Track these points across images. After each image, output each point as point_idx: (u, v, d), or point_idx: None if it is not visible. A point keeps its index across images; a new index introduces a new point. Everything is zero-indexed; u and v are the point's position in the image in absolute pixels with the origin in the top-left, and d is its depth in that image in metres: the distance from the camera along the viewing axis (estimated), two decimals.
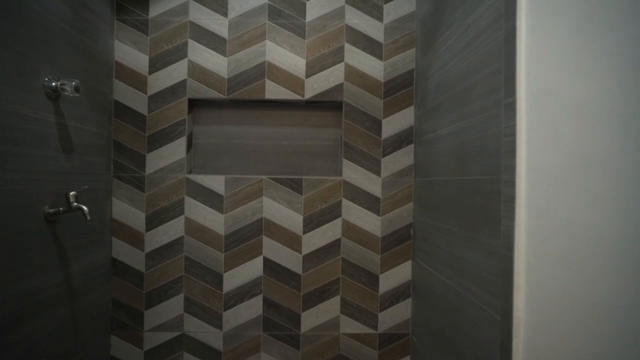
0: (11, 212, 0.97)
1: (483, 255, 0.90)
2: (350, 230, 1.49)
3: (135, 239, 1.47)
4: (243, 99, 1.49)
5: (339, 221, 1.49)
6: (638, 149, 0.54)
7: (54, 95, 1.11)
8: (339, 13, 1.48)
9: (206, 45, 1.47)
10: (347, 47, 1.48)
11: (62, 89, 1.09)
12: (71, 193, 1.10)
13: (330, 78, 1.48)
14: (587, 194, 0.62)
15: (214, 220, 1.48)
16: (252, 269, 1.48)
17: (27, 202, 1.02)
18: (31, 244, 1.04)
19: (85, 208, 1.09)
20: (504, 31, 0.80)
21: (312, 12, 1.48)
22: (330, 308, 1.49)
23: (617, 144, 0.57)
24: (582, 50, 0.63)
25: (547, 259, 0.70)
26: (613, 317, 0.61)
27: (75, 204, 1.10)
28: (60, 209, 1.10)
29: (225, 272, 1.48)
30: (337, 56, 1.48)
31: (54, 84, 1.09)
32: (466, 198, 1.00)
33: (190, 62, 1.47)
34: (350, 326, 1.50)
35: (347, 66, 1.48)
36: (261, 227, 1.48)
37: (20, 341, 1.01)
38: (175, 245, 1.47)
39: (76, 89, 1.09)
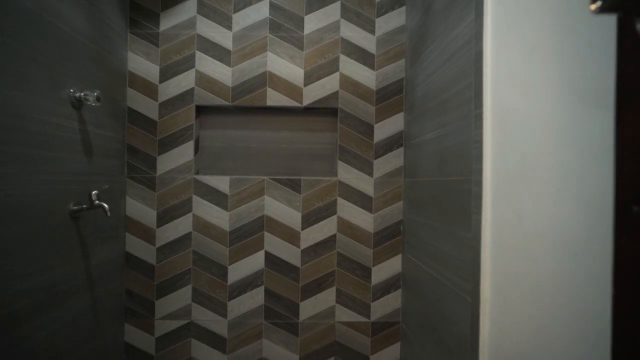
0: (41, 208, 1.09)
1: (458, 247, 1.02)
2: (345, 226, 1.62)
3: (147, 234, 1.60)
4: (246, 106, 1.62)
5: (334, 218, 1.62)
6: (573, 156, 0.67)
7: (78, 104, 1.23)
8: (335, 26, 1.61)
9: (212, 56, 1.60)
10: (342, 57, 1.61)
11: (85, 99, 1.21)
12: (93, 192, 1.23)
13: (326, 86, 1.61)
14: (535, 192, 0.74)
15: (220, 218, 1.60)
16: (255, 262, 1.61)
17: (55, 200, 1.15)
18: (57, 237, 1.17)
19: (106, 205, 1.21)
20: (474, 52, 0.93)
21: (310, 26, 1.61)
22: (326, 298, 1.62)
23: (557, 152, 0.70)
24: (530, 74, 0.75)
25: (507, 247, 0.83)
26: (558, 295, 0.73)
27: (97, 202, 1.23)
28: (84, 206, 1.23)
29: (229, 265, 1.60)
30: (332, 66, 1.61)
31: (78, 94, 1.21)
32: (445, 197, 1.13)
33: (197, 71, 1.60)
34: (345, 315, 1.62)
35: (342, 75, 1.61)
36: (263, 224, 1.61)
37: (48, 325, 1.13)
38: (184, 240, 1.60)
39: (97, 99, 1.21)
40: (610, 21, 0.46)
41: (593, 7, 0.33)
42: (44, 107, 1.09)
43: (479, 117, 0.90)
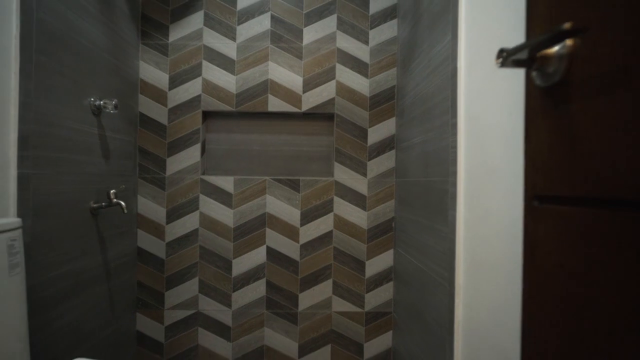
0: (65, 206, 1.22)
1: (438, 239, 1.15)
2: (341, 223, 1.74)
3: (157, 230, 1.72)
4: (249, 111, 1.74)
5: (331, 215, 1.74)
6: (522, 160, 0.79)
7: (97, 111, 1.36)
8: (331, 38, 1.73)
9: (218, 65, 1.72)
10: (338, 66, 1.73)
11: (105, 107, 1.34)
12: (112, 191, 1.36)
13: (323, 93, 1.73)
14: (497, 192, 0.86)
15: (224, 215, 1.73)
16: (257, 256, 1.74)
17: (78, 198, 1.28)
18: (79, 232, 1.30)
19: (123, 203, 1.34)
20: (450, 69, 1.05)
21: (308, 37, 1.73)
22: (323, 290, 1.75)
23: (512, 158, 0.82)
24: (493, 90, 0.87)
25: (476, 239, 0.95)
26: (512, 277, 0.86)
27: (115, 200, 1.36)
28: (103, 204, 1.36)
29: (234, 259, 1.73)
30: (329, 74, 1.73)
31: (97, 102, 1.34)
32: (429, 195, 1.26)
33: (204, 79, 1.72)
34: (340, 305, 1.75)
35: (338, 83, 1.73)
36: (264, 221, 1.74)
37: (72, 310, 1.26)
38: (191, 236, 1.73)
39: (115, 107, 1.34)
40: None
41: (496, 62, 0.45)
42: (70, 115, 1.22)
43: (454, 126, 1.02)
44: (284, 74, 1.72)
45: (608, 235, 0.40)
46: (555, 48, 0.43)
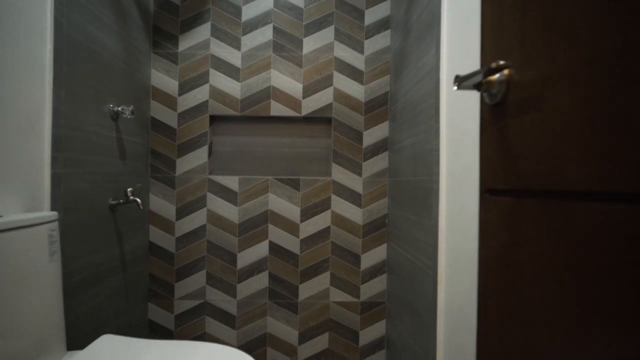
0: (88, 202, 1.35)
1: (425, 233, 1.28)
2: (338, 219, 1.88)
3: (167, 226, 1.85)
4: (253, 116, 1.88)
5: (328, 212, 1.87)
6: None
7: (115, 116, 1.49)
8: (329, 47, 1.86)
9: (224, 73, 1.85)
10: (335, 74, 1.87)
11: (122, 113, 1.47)
12: (129, 189, 1.49)
13: (322, 99, 1.87)
14: (471, 190, 1.00)
15: (230, 212, 1.86)
16: (260, 250, 1.87)
17: (98, 196, 1.41)
18: (100, 227, 1.43)
19: (139, 200, 1.47)
20: (434, 80, 1.18)
21: (308, 47, 1.86)
22: (322, 281, 1.88)
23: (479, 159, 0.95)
24: (467, 101, 1.00)
25: (455, 232, 1.08)
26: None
27: (132, 197, 1.49)
28: (120, 201, 1.48)
29: (238, 252, 1.86)
30: (327, 81, 1.86)
31: (116, 108, 1.47)
32: (417, 193, 1.39)
33: (211, 86, 1.85)
34: (338, 296, 1.88)
35: (335, 89, 1.87)
36: (267, 217, 1.87)
37: (93, 298, 1.39)
38: (199, 231, 1.86)
39: (132, 112, 1.47)
40: None
41: (454, 85, 0.58)
42: (92, 120, 1.35)
43: (437, 131, 1.16)
44: (285, 81, 1.85)
45: (524, 216, 0.52)
46: (497, 76, 0.55)
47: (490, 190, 0.61)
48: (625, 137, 0.36)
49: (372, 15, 1.87)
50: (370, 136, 1.87)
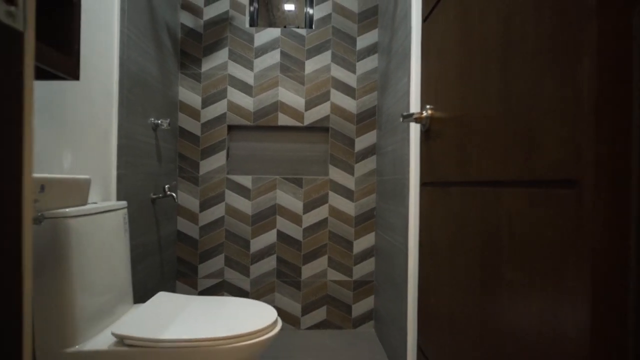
0: (137, 196, 1.72)
1: (400, 219, 1.65)
2: (334, 211, 2.24)
3: (192, 217, 2.22)
4: (263, 125, 2.25)
5: (326, 206, 2.24)
6: None
7: (155, 127, 1.86)
8: (327, 68, 2.24)
9: (239, 90, 2.22)
10: (332, 90, 2.24)
11: (161, 125, 1.84)
12: (167, 185, 1.86)
13: (320, 111, 2.24)
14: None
15: (244, 205, 2.23)
16: (270, 237, 2.23)
17: (144, 190, 1.78)
18: (145, 215, 1.79)
19: (175, 194, 1.84)
20: (407, 101, 1.56)
21: (309, 68, 2.23)
22: (321, 263, 2.24)
23: None
24: None
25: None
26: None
27: (169, 192, 1.86)
28: (160, 195, 1.85)
29: (251, 239, 2.23)
30: (325, 97, 2.24)
31: (156, 121, 1.84)
32: (396, 188, 1.76)
33: (228, 101, 2.22)
34: (334, 275, 2.25)
35: (332, 104, 2.24)
36: (275, 210, 2.24)
37: (140, 272, 1.75)
38: (219, 222, 2.23)
39: (169, 124, 1.84)
40: None
41: (401, 119, 0.95)
42: (140, 131, 1.72)
43: (408, 140, 1.53)
44: (290, 96, 2.23)
45: (438, 200, 0.89)
46: (424, 113, 0.92)
47: (424, 183, 0.98)
48: (468, 156, 0.71)
49: (363, 42, 2.24)
50: (361, 142, 2.25)
